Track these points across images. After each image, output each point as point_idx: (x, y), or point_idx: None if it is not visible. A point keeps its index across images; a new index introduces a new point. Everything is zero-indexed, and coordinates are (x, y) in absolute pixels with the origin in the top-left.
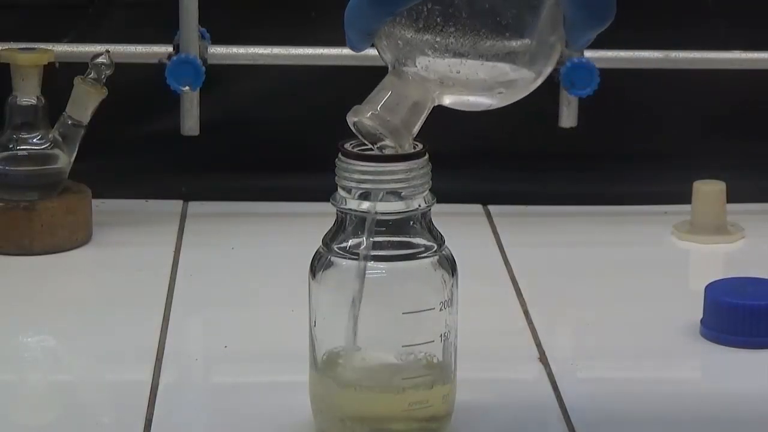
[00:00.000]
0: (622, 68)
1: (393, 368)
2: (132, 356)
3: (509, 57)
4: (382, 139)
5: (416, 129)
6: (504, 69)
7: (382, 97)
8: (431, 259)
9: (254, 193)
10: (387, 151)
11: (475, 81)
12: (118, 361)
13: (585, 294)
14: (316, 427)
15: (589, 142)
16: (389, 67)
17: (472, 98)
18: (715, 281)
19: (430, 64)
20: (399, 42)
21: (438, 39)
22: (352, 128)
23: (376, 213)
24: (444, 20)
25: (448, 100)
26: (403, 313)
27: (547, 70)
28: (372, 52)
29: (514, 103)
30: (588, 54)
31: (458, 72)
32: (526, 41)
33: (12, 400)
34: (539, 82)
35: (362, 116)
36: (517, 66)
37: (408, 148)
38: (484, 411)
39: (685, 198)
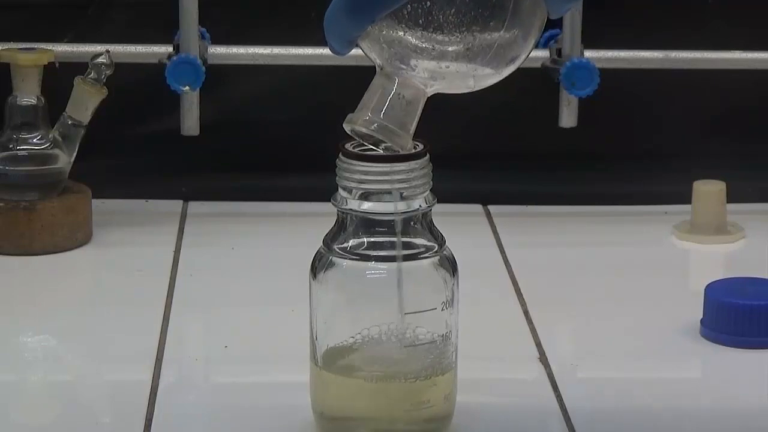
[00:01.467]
0: (622, 68)
1: (395, 369)
2: (132, 356)
3: (497, 42)
4: (384, 141)
5: (413, 127)
6: (493, 52)
7: (373, 101)
8: (432, 259)
9: (254, 193)
10: (389, 151)
11: (466, 72)
12: (118, 361)
13: (585, 294)
14: (316, 428)
15: (589, 142)
16: (377, 68)
17: (464, 84)
18: (715, 281)
19: (419, 63)
20: (384, 45)
21: (423, 38)
22: (351, 134)
23: (402, 213)
24: (426, 20)
25: (439, 90)
26: (406, 313)
27: (534, 42)
28: None
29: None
30: (588, 54)
31: (447, 67)
32: (511, 25)
33: (12, 400)
34: (528, 54)
35: (356, 125)
36: (506, 46)
37: (409, 147)
38: (484, 411)
39: (685, 198)
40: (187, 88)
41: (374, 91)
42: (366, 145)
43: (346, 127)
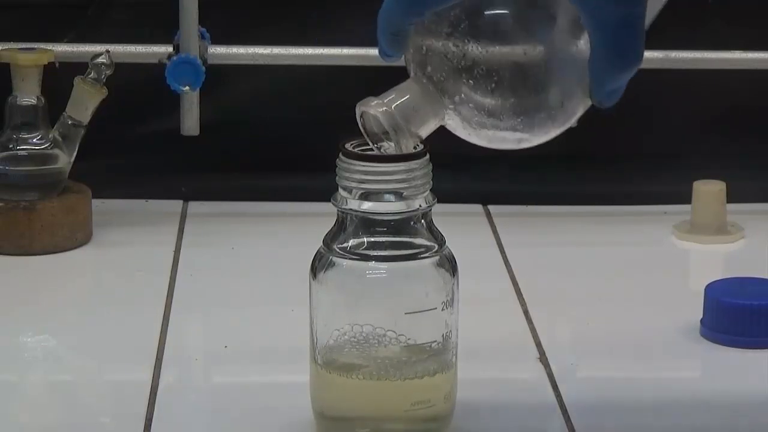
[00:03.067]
0: None
1: (395, 368)
2: (132, 356)
3: (526, 137)
4: (383, 140)
5: (418, 130)
6: (514, 141)
7: (399, 98)
8: (432, 259)
9: (254, 193)
10: (387, 151)
11: (487, 139)
12: (118, 361)
13: (585, 294)
14: (316, 428)
15: (589, 142)
16: (411, 73)
17: (477, 141)
18: (715, 281)
19: (451, 84)
20: (423, 49)
21: (463, 58)
22: (357, 119)
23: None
24: (471, 45)
25: (453, 123)
26: (406, 313)
27: (562, 127)
28: (372, 52)
29: None
30: None
31: (474, 130)
32: (548, 90)
33: (12, 400)
34: (552, 135)
35: (375, 110)
36: (535, 139)
37: (408, 147)
38: (484, 411)
39: (685, 198)
40: (187, 88)
41: (402, 91)
42: (366, 144)
43: (359, 108)
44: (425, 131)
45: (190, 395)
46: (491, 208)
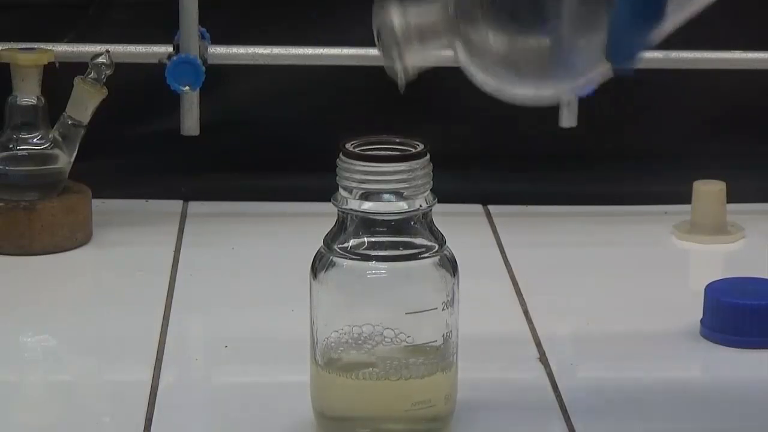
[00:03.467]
0: None
1: (395, 368)
2: (132, 356)
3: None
4: (391, 47)
5: (422, 62)
6: (521, 97)
7: (420, 15)
8: (432, 259)
9: (254, 193)
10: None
11: (499, 53)
12: (118, 361)
13: (585, 294)
14: (316, 428)
15: (589, 142)
16: None
17: (492, 67)
18: (715, 281)
19: (470, 11)
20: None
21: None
22: (373, 19)
23: None
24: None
25: (465, 58)
26: (406, 313)
27: (574, 82)
28: (372, 52)
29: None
30: None
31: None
32: (555, 37)
33: (12, 400)
34: (563, 89)
35: (394, 18)
36: (536, 95)
37: (402, 70)
38: (484, 411)
39: (685, 198)
40: (187, 88)
41: (424, 6)
42: (366, 144)
43: (376, 5)
44: (433, 55)
45: (190, 395)
46: (491, 208)
